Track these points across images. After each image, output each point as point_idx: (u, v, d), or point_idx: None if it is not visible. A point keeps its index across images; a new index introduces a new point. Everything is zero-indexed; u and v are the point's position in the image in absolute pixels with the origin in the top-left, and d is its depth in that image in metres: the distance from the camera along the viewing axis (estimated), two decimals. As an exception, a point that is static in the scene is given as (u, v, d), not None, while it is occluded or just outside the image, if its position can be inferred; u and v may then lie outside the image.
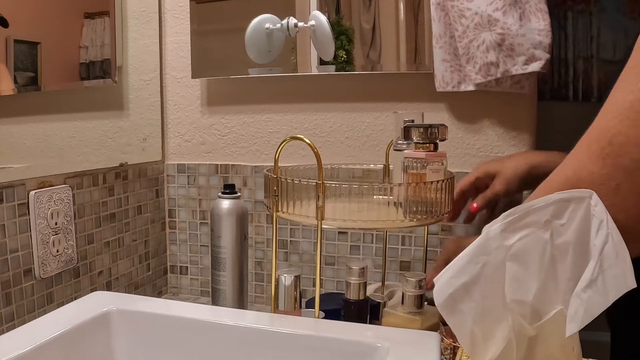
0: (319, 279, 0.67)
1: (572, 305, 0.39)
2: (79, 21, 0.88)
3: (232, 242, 0.80)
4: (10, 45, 0.75)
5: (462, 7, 0.84)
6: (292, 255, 1.04)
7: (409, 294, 0.72)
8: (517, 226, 0.44)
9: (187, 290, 1.13)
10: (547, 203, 0.43)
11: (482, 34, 0.83)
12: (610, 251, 0.38)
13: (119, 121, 0.99)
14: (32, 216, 0.77)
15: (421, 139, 0.66)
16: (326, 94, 1.01)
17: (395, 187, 0.67)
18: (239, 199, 0.82)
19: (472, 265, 0.44)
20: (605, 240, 0.39)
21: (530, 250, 0.43)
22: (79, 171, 0.88)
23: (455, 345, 0.64)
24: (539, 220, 0.43)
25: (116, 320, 0.65)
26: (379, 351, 0.56)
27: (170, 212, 1.12)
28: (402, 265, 0.98)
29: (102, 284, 0.94)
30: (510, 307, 0.43)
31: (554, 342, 0.43)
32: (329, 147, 1.01)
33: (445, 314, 0.45)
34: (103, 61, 0.93)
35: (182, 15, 1.07)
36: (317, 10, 0.95)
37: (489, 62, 0.84)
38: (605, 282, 0.38)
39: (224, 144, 1.08)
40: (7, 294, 0.74)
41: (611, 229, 0.39)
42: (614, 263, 0.38)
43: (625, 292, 0.37)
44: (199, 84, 1.09)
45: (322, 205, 0.64)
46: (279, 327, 0.62)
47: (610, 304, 0.37)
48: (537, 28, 0.82)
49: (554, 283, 0.43)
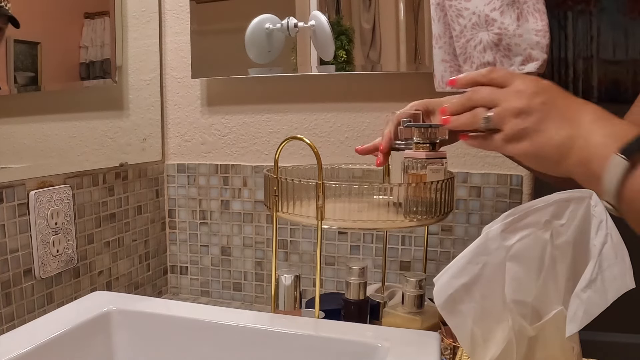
0: (319, 279, 0.67)
1: (572, 306, 0.39)
2: (79, 21, 0.88)
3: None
4: (10, 45, 0.75)
5: (460, 7, 0.84)
6: (292, 255, 1.04)
7: (409, 294, 0.72)
8: (517, 226, 0.44)
9: (187, 290, 1.13)
10: (547, 203, 0.43)
11: (480, 34, 0.83)
12: (609, 251, 0.38)
13: (119, 121, 0.99)
14: (32, 216, 0.77)
15: (421, 139, 0.66)
16: (326, 94, 1.01)
17: (395, 187, 0.67)
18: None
19: (472, 265, 0.44)
20: (605, 240, 0.39)
21: (530, 250, 0.43)
22: (79, 171, 0.88)
23: (455, 345, 0.64)
24: (539, 221, 0.43)
25: (116, 320, 0.65)
26: (379, 351, 0.56)
27: (170, 212, 1.12)
28: (402, 265, 0.98)
29: (102, 284, 0.94)
30: (510, 307, 0.43)
31: (554, 342, 0.43)
32: (329, 147, 1.01)
33: (445, 314, 0.45)
34: (103, 61, 0.93)
35: (182, 15, 1.07)
36: (317, 10, 0.95)
37: (486, 62, 0.84)
38: (605, 282, 0.38)
39: (224, 144, 1.08)
40: (7, 294, 0.74)
41: (610, 229, 0.39)
42: (613, 263, 0.38)
43: (624, 292, 0.37)
44: (199, 84, 1.09)
45: (322, 205, 0.64)
46: (279, 327, 0.62)
47: (609, 304, 0.37)
48: (534, 28, 0.82)
49: (554, 283, 0.43)
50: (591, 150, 0.45)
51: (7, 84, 0.76)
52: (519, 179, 0.91)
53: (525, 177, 0.91)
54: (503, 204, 0.92)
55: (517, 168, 0.92)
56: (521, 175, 0.91)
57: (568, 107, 0.49)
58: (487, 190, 0.93)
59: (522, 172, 0.91)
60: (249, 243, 1.07)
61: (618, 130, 0.44)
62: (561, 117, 0.48)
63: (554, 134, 0.47)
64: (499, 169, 0.93)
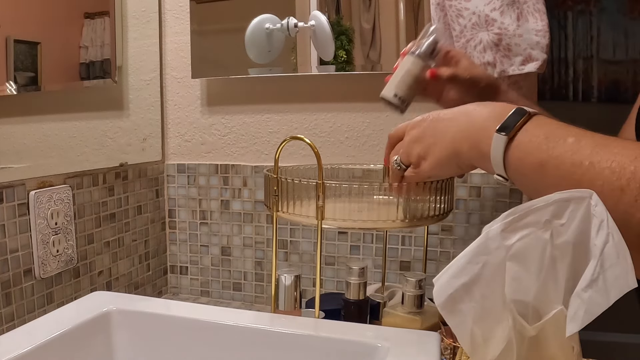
0: (319, 279, 0.67)
1: (573, 305, 0.39)
2: (79, 21, 0.88)
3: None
4: (10, 45, 0.75)
5: (460, 7, 0.84)
6: (292, 255, 1.04)
7: (409, 294, 0.72)
8: (517, 226, 0.44)
9: (187, 290, 1.13)
10: (547, 203, 0.43)
11: (479, 33, 0.83)
12: (611, 251, 0.38)
13: (119, 121, 0.99)
14: (32, 216, 0.77)
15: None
16: (326, 94, 1.01)
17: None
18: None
19: (472, 265, 0.44)
20: (606, 240, 0.39)
21: (530, 250, 0.43)
22: (79, 171, 0.88)
23: (455, 345, 0.64)
24: (539, 220, 0.43)
25: (116, 320, 0.65)
26: (379, 351, 0.56)
27: (170, 212, 1.12)
28: (402, 265, 0.98)
29: (102, 284, 0.94)
30: (510, 307, 0.43)
31: (554, 342, 0.43)
32: (329, 147, 1.01)
33: (445, 314, 0.45)
34: (103, 61, 0.93)
35: (182, 15, 1.07)
36: (317, 10, 0.95)
37: (486, 62, 0.84)
38: (606, 282, 0.38)
39: (224, 144, 1.08)
40: (7, 294, 0.74)
41: (612, 229, 0.39)
42: (615, 263, 0.38)
43: (627, 292, 0.37)
44: (199, 84, 1.09)
45: (322, 205, 0.64)
46: (279, 327, 0.62)
47: (611, 304, 0.37)
48: (534, 28, 0.82)
49: (554, 283, 0.43)
50: (478, 134, 0.51)
51: (7, 84, 0.76)
52: (519, 179, 0.91)
53: (525, 177, 0.91)
54: (503, 204, 0.92)
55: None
56: (521, 175, 0.91)
57: (445, 117, 0.56)
58: (487, 190, 0.93)
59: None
60: (249, 243, 1.07)
61: (498, 110, 0.50)
62: (448, 124, 0.55)
63: (445, 137, 0.55)
64: (499, 169, 0.93)
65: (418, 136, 0.58)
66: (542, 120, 0.48)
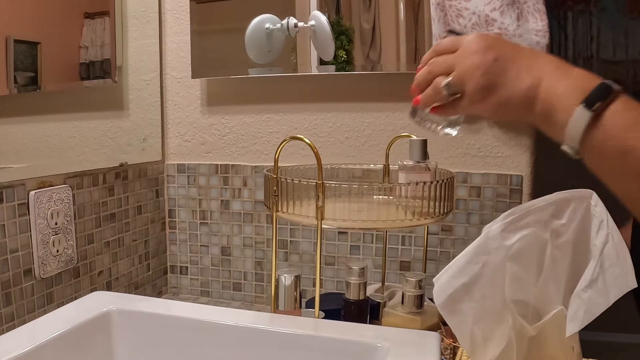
0: (319, 279, 0.67)
1: (573, 305, 0.39)
2: (79, 21, 0.88)
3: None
4: (10, 45, 0.75)
5: (460, 7, 0.84)
6: (292, 255, 1.04)
7: (408, 294, 0.72)
8: (517, 226, 0.44)
9: (187, 290, 1.13)
10: (547, 203, 0.43)
11: (481, 34, 0.83)
12: (610, 251, 0.38)
13: (119, 121, 0.99)
14: (32, 216, 0.77)
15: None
16: (326, 94, 1.01)
17: (396, 187, 0.67)
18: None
19: (472, 265, 0.44)
20: (606, 240, 0.39)
21: (531, 250, 0.43)
22: (79, 171, 0.88)
23: (455, 345, 0.64)
24: (539, 220, 0.43)
25: (116, 320, 0.65)
26: (379, 351, 0.56)
27: (170, 212, 1.12)
28: (402, 265, 0.98)
29: (102, 284, 0.94)
30: (510, 307, 0.43)
31: (554, 342, 0.43)
32: (329, 147, 1.01)
33: (445, 314, 0.45)
34: (103, 61, 0.93)
35: (182, 15, 1.07)
36: (317, 10, 0.95)
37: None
38: (606, 282, 0.38)
39: (224, 144, 1.08)
40: (7, 294, 0.74)
41: (611, 229, 0.39)
42: (615, 263, 0.38)
43: (626, 292, 0.37)
44: (199, 84, 1.09)
45: (322, 205, 0.64)
46: (279, 327, 0.62)
47: (611, 304, 0.37)
48: (534, 28, 0.82)
49: (554, 283, 0.43)
50: (554, 101, 0.46)
51: (7, 84, 0.76)
52: (519, 179, 0.91)
53: (525, 177, 0.91)
54: (503, 204, 0.92)
55: (517, 168, 0.92)
56: (521, 175, 0.91)
57: (523, 57, 0.49)
58: (487, 190, 0.93)
59: (522, 172, 0.91)
60: (249, 243, 1.07)
61: (579, 81, 0.46)
62: (519, 68, 0.48)
63: (516, 86, 0.48)
64: (498, 169, 0.93)
65: (491, 62, 0.49)
66: (629, 103, 0.44)
